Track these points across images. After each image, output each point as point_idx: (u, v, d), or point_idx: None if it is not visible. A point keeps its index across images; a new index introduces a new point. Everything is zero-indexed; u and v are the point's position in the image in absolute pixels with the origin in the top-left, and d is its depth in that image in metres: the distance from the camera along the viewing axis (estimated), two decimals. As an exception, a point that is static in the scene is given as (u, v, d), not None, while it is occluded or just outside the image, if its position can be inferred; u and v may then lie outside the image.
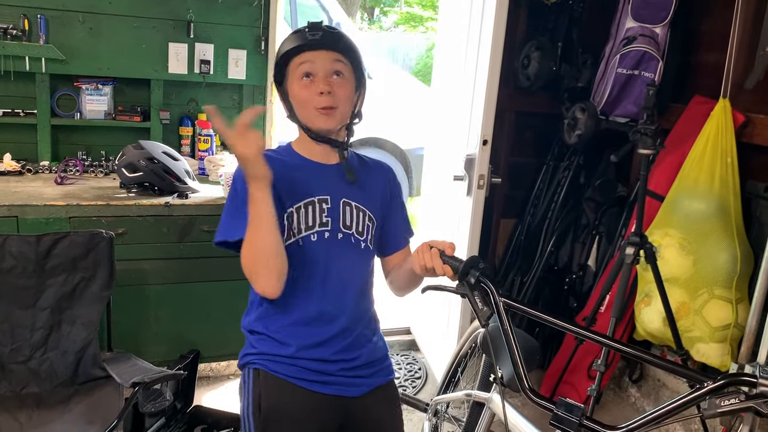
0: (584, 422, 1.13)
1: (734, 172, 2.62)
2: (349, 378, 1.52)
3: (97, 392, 2.19)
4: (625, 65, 2.91)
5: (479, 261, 1.30)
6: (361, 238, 1.54)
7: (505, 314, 1.25)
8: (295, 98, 1.49)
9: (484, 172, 2.71)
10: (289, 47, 1.46)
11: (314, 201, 1.49)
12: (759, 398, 1.03)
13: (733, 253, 2.57)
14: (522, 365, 1.22)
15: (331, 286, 1.50)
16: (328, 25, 1.48)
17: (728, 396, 1.06)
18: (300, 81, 1.46)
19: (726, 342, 2.56)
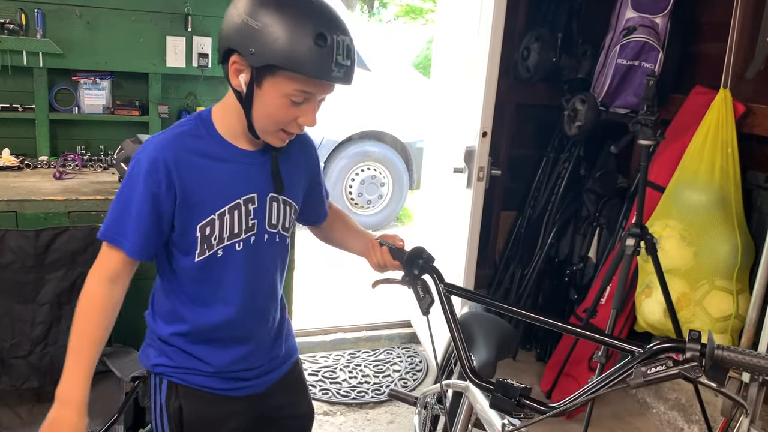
0: (522, 401, 1.15)
1: (735, 162, 2.62)
2: (262, 378, 1.47)
3: (97, 387, 2.16)
4: (625, 56, 2.90)
5: (423, 251, 1.34)
6: (286, 234, 1.40)
7: (446, 300, 1.27)
8: (266, 108, 1.22)
9: (483, 165, 2.70)
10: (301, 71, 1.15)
11: (240, 203, 1.30)
12: (687, 363, 1.00)
13: (733, 244, 2.57)
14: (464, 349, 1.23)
15: (250, 294, 1.36)
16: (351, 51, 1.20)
17: (655, 363, 1.03)
18: (284, 99, 1.20)
19: (727, 333, 2.56)
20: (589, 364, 2.97)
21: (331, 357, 3.37)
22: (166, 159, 1.24)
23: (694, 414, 2.82)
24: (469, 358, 1.23)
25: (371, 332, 3.57)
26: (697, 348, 1.00)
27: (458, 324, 1.25)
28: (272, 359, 1.49)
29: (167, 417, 1.40)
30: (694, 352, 1.00)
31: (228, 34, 1.19)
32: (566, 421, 2.98)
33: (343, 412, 2.92)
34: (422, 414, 2.22)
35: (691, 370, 1.00)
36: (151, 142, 1.28)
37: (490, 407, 1.19)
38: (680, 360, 1.01)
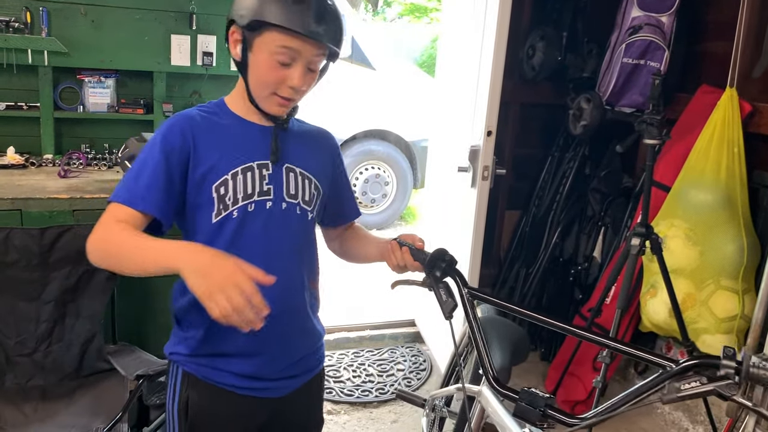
0: (547, 412, 1.12)
1: (741, 162, 2.60)
2: (281, 380, 1.42)
3: (101, 385, 2.19)
4: (631, 55, 2.89)
5: (445, 253, 1.31)
6: (308, 208, 1.39)
7: (469, 305, 1.25)
8: (258, 70, 1.28)
9: (488, 164, 2.69)
10: (277, 21, 1.22)
11: (253, 166, 1.32)
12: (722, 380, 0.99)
13: (739, 243, 2.56)
14: (487, 355, 1.22)
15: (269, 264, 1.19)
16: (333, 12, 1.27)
17: (689, 379, 1.02)
18: (272, 59, 1.26)
19: (732, 333, 2.55)
20: (593, 364, 2.96)
21: (335, 356, 3.37)
22: (182, 123, 1.32)
23: (699, 414, 2.81)
24: (492, 365, 1.21)
25: (375, 331, 3.57)
26: (732, 365, 0.99)
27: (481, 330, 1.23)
28: (298, 362, 1.45)
29: (177, 405, 1.40)
30: (729, 369, 0.99)
31: (229, 11, 1.30)
32: (570, 420, 2.96)
33: (347, 411, 2.91)
34: (430, 416, 2.21)
35: (726, 388, 0.99)
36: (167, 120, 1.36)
37: (514, 416, 1.16)
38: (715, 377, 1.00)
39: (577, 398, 3.00)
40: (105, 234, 1.23)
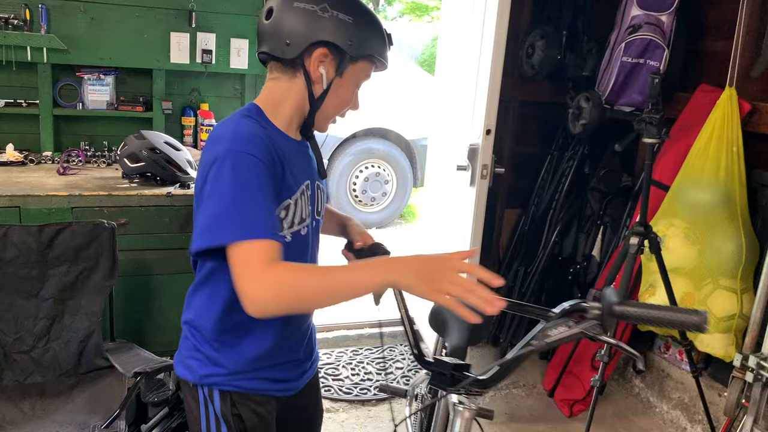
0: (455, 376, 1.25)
1: (740, 161, 2.60)
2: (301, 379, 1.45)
3: (100, 382, 2.19)
4: (630, 54, 2.89)
5: (378, 247, 1.39)
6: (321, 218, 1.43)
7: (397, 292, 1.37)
8: (342, 95, 1.32)
9: (487, 162, 2.69)
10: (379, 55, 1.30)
11: (304, 189, 1.31)
12: (588, 322, 1.06)
13: (738, 243, 2.56)
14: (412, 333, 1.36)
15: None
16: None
17: (558, 325, 1.08)
18: (354, 87, 1.32)
19: (730, 332, 2.55)
20: (592, 362, 2.96)
21: (334, 354, 3.37)
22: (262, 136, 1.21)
23: (698, 413, 2.81)
24: (416, 342, 1.32)
25: (374, 329, 3.57)
26: (597, 306, 1.06)
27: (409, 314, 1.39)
28: (308, 357, 1.47)
29: (226, 427, 1.33)
30: (595, 311, 1.06)
31: (311, 29, 1.24)
32: (569, 419, 2.97)
33: (346, 409, 2.92)
34: (413, 405, 2.25)
35: (591, 329, 1.06)
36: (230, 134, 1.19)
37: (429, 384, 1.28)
38: (582, 319, 1.06)
39: (576, 397, 3.00)
40: (282, 281, 1.09)
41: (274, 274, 1.09)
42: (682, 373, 2.94)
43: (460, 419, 1.32)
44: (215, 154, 1.17)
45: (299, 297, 1.10)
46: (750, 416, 2.24)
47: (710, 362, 2.85)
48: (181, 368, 1.36)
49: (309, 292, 1.10)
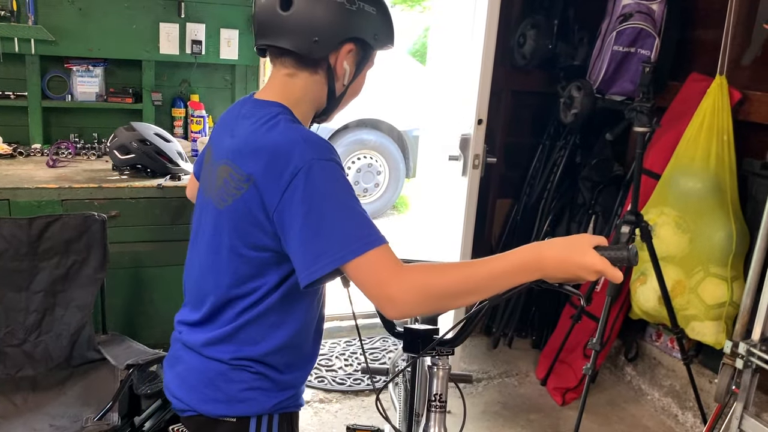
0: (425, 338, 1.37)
1: (730, 149, 2.61)
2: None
3: (92, 374, 2.19)
4: (622, 42, 2.89)
5: None
6: None
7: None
8: (360, 85, 1.30)
9: (479, 152, 2.69)
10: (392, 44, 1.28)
11: None
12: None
13: (728, 231, 2.57)
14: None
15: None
16: None
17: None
18: (365, 76, 1.30)
19: (721, 320, 2.57)
20: (584, 351, 2.98)
21: (327, 345, 3.38)
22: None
23: (689, 400, 2.84)
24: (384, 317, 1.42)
25: (367, 320, 3.57)
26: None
27: None
28: None
29: None
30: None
31: (342, 25, 1.18)
32: (561, 407, 2.99)
33: (339, 400, 2.92)
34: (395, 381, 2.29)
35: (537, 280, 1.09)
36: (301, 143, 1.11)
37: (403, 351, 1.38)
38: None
39: (568, 385, 3.01)
40: (424, 281, 1.05)
41: (412, 275, 1.04)
42: (673, 361, 2.96)
43: (435, 380, 1.41)
44: (293, 168, 1.07)
45: (447, 296, 1.05)
46: (740, 402, 2.26)
47: (701, 350, 2.87)
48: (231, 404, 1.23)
49: (455, 291, 1.05)
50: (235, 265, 1.18)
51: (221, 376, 1.23)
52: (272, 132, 1.14)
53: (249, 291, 1.19)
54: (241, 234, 1.15)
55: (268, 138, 1.13)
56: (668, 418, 2.96)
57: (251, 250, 1.16)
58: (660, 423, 2.95)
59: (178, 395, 1.27)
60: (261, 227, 1.13)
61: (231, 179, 1.15)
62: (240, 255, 1.17)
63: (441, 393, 1.40)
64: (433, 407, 1.40)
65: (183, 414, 1.28)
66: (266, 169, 1.10)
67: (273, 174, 1.09)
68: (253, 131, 1.16)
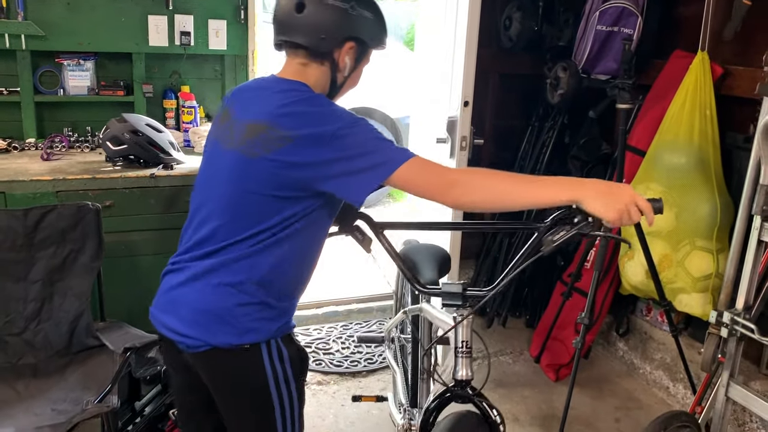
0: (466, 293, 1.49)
1: (713, 124, 2.65)
2: None
3: (92, 360, 2.24)
4: (605, 22, 2.92)
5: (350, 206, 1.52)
6: None
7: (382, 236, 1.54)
8: (357, 78, 1.58)
9: (466, 134, 2.73)
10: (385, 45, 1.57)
11: None
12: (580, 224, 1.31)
13: (713, 204, 2.61)
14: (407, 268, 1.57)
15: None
16: None
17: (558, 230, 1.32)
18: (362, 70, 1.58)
19: (708, 292, 2.62)
20: (575, 327, 3.03)
21: (324, 329, 3.43)
22: None
23: (679, 372, 2.89)
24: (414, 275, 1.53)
25: (362, 305, 3.63)
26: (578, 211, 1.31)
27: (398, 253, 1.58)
28: None
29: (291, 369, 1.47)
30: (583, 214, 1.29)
31: (344, 26, 1.46)
32: (555, 383, 3.04)
33: (336, 381, 2.98)
34: (391, 348, 2.49)
35: (584, 228, 1.29)
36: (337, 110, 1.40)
37: (442, 306, 1.49)
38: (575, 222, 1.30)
39: (561, 362, 3.07)
40: (478, 171, 1.40)
41: (467, 169, 1.41)
42: (663, 335, 3.01)
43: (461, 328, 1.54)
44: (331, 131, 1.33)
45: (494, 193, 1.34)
46: (726, 370, 2.31)
47: (690, 323, 2.92)
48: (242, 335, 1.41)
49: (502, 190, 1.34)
50: (258, 204, 1.39)
51: (230, 312, 1.41)
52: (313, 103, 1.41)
53: (266, 227, 1.39)
54: (272, 178, 1.37)
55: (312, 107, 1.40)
56: (660, 390, 3.02)
57: (278, 190, 1.37)
58: (652, 396, 3.01)
59: (191, 334, 1.42)
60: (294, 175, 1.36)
61: (269, 136, 1.36)
62: (265, 195, 1.38)
63: (467, 340, 1.54)
64: (460, 353, 1.53)
65: (197, 350, 1.42)
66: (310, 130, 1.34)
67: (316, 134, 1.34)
68: (294, 101, 1.40)
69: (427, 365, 2.12)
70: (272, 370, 1.45)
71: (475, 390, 1.53)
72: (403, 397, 2.24)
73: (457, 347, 1.54)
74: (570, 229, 1.30)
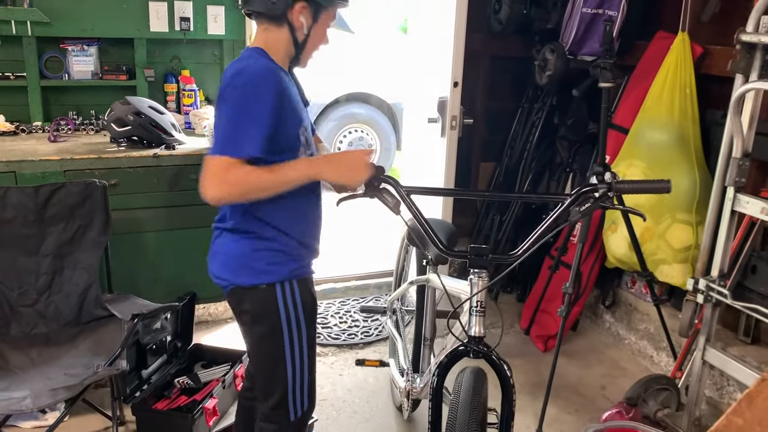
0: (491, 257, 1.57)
1: (693, 102, 2.76)
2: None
3: (101, 329, 2.36)
4: (590, 5, 3.01)
5: (381, 168, 1.60)
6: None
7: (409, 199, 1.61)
8: (318, 37, 1.67)
9: (456, 113, 2.84)
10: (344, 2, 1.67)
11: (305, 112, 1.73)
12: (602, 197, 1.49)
13: (693, 179, 2.73)
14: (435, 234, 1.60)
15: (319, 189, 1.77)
16: None
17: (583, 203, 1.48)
18: (325, 28, 1.68)
19: (688, 262, 2.73)
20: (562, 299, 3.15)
21: (323, 305, 3.55)
22: (274, 68, 1.59)
23: (662, 341, 3.01)
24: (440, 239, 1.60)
25: (360, 281, 3.75)
26: (605, 186, 1.49)
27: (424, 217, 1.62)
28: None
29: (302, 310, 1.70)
30: (604, 188, 1.48)
31: None
32: (543, 353, 3.17)
33: (334, 353, 3.10)
34: (392, 318, 2.61)
35: (604, 200, 1.48)
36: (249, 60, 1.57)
37: (469, 267, 1.57)
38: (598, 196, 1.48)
39: (550, 333, 3.19)
40: (234, 186, 1.51)
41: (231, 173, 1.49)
42: (647, 306, 3.13)
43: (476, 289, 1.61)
44: (223, 84, 1.53)
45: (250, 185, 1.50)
46: (702, 335, 2.43)
47: (673, 294, 3.04)
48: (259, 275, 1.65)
49: (255, 186, 1.50)
50: None
51: (248, 257, 1.65)
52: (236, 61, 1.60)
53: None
54: None
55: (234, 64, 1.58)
56: (644, 359, 3.14)
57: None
58: (636, 364, 3.14)
59: (223, 276, 1.69)
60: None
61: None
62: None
63: (482, 300, 1.61)
64: (476, 312, 1.62)
65: (226, 289, 1.70)
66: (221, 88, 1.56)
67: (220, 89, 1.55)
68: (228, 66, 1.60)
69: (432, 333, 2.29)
70: (285, 310, 1.67)
71: (489, 346, 1.63)
72: (405, 363, 2.37)
73: (472, 306, 1.63)
74: (595, 201, 1.48)
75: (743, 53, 2.22)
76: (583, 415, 2.73)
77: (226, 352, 2.84)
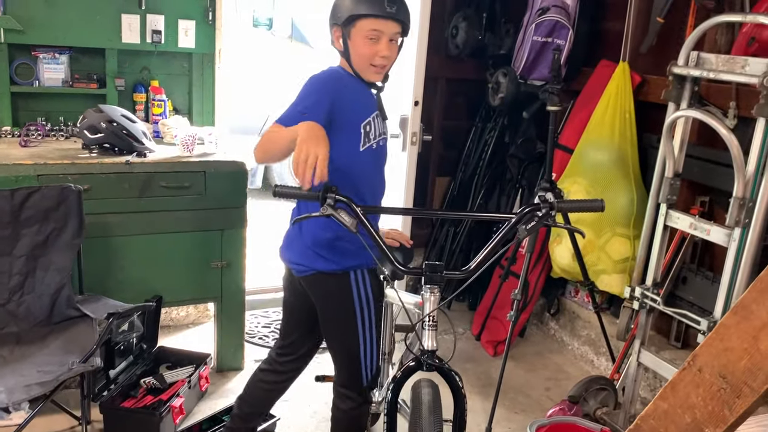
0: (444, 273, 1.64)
1: (632, 126, 3.02)
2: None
3: (72, 329, 2.43)
4: (540, 33, 3.26)
5: (331, 187, 1.63)
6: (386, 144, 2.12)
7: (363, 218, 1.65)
8: (356, 50, 1.85)
9: (416, 130, 3.03)
10: (365, 12, 1.79)
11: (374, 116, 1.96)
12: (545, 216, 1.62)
13: (630, 196, 2.98)
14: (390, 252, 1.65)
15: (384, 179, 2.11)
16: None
17: (528, 221, 1.62)
18: (365, 39, 1.82)
19: (626, 273, 2.98)
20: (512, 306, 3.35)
21: (282, 312, 3.66)
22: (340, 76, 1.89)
23: (602, 347, 3.24)
24: (396, 258, 1.65)
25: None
26: (547, 206, 1.62)
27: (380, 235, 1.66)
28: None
29: (373, 297, 2.00)
30: (547, 208, 1.62)
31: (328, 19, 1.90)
32: (493, 358, 3.37)
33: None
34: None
35: (548, 219, 1.62)
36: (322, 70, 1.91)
37: (425, 283, 1.64)
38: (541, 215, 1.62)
39: (499, 338, 3.39)
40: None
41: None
42: (588, 314, 3.37)
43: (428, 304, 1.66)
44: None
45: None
46: (638, 339, 2.66)
47: (612, 303, 3.29)
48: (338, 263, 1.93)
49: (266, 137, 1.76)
50: None
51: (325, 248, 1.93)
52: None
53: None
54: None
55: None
56: (586, 363, 3.38)
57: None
58: (579, 368, 3.36)
59: (302, 262, 1.97)
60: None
61: None
62: None
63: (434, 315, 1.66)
64: (428, 326, 1.67)
65: (304, 274, 1.98)
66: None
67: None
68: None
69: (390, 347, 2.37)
70: (357, 292, 1.96)
71: (441, 359, 1.69)
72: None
73: (425, 321, 1.67)
74: (539, 220, 1.62)
75: (675, 84, 2.47)
76: (530, 414, 2.93)
77: (190, 354, 2.94)
